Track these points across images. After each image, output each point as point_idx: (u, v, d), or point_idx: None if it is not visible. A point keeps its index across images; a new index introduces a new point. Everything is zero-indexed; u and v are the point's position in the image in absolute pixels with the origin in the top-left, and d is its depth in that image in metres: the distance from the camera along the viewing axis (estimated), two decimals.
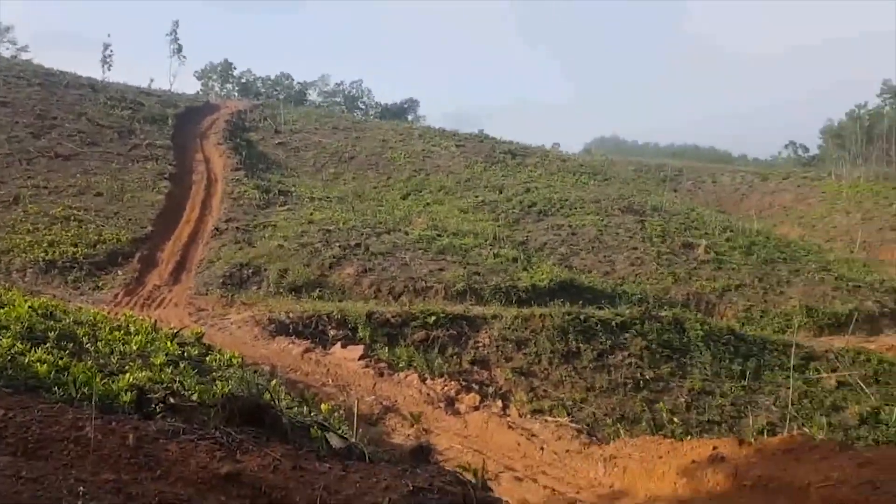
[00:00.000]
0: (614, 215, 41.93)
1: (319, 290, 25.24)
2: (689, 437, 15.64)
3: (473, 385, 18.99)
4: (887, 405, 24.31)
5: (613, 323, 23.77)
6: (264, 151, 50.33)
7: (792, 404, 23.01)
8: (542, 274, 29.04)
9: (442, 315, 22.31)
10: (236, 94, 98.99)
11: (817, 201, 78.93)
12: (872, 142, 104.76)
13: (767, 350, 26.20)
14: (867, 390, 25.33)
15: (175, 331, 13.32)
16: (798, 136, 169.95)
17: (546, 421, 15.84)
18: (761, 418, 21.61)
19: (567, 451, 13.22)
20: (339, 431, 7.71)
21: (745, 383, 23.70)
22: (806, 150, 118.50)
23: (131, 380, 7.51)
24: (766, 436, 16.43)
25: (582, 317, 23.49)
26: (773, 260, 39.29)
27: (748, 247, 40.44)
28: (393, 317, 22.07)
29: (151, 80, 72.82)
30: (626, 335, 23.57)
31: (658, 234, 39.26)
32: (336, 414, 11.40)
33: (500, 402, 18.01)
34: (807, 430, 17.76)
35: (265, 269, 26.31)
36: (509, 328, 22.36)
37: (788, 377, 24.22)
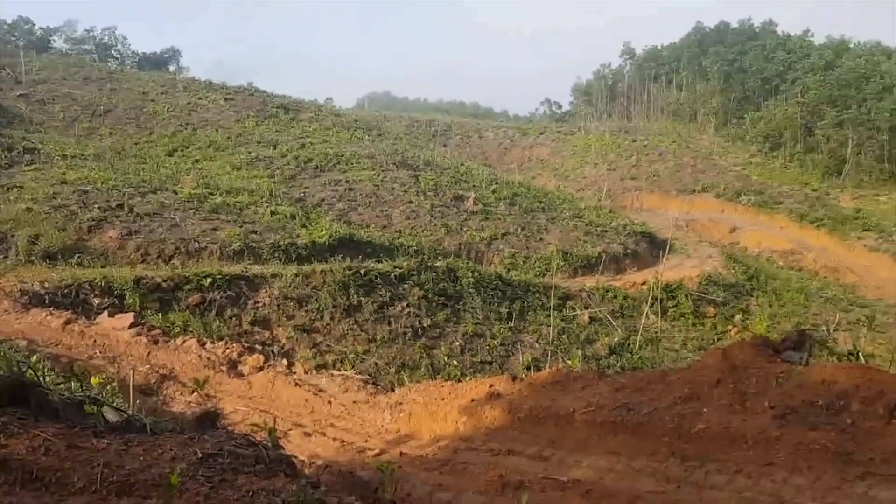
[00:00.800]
0: (389, 170, 42.68)
1: (79, 256, 23.13)
2: (465, 378, 16.70)
3: (256, 346, 18.71)
4: (631, 335, 27.66)
5: (392, 275, 24.49)
6: (3, 104, 44.55)
7: (553, 340, 25.39)
8: (322, 230, 28.97)
9: (218, 276, 21.55)
10: None
11: (570, 154, 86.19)
12: (615, 98, 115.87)
13: (530, 292, 28.52)
14: (615, 323, 28.58)
15: None
16: (552, 94, 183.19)
17: (332, 375, 16.05)
18: (527, 355, 23.63)
19: (354, 402, 13.55)
20: (115, 405, 7.31)
21: (512, 324, 25.71)
22: (559, 106, 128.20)
23: None
24: (532, 371, 17.98)
25: (362, 271, 23.91)
26: (534, 209, 42.43)
27: (511, 198, 43.26)
28: (164, 281, 20.92)
29: None
30: (405, 286, 24.41)
31: (431, 188, 40.67)
32: (109, 387, 10.74)
33: (284, 361, 17.94)
34: (567, 363, 19.71)
35: (12, 236, 23.54)
36: (290, 286, 22.17)
37: (549, 316, 26.62)
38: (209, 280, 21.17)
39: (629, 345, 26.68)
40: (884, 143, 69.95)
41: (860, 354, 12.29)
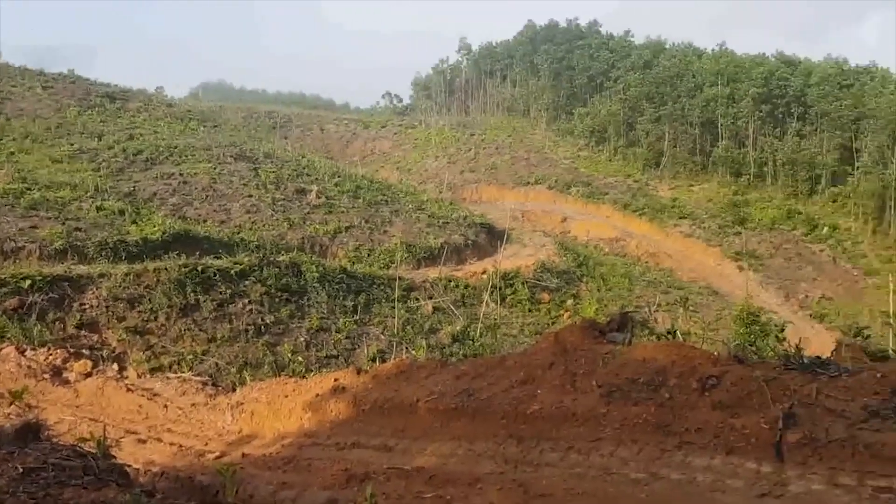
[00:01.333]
0: (227, 163, 41.31)
1: None
2: (311, 374, 16.57)
3: (83, 350, 17.54)
4: (472, 323, 28.53)
5: (232, 272, 23.76)
6: None
7: (398, 331, 25.71)
8: (154, 226, 27.60)
9: (38, 278, 19.96)
10: None
11: (411, 147, 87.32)
12: (454, 93, 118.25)
13: (375, 285, 28.68)
14: (457, 312, 29.37)
15: None
16: (393, 88, 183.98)
17: (168, 378, 15.40)
18: (373, 347, 23.78)
19: (193, 405, 13.09)
20: None
21: (358, 317, 25.76)
22: (400, 100, 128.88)
23: None
24: (378, 362, 18.15)
25: (199, 268, 23.00)
26: (377, 202, 42.65)
27: (355, 190, 43.23)
28: None
29: None
30: (246, 283, 23.77)
31: (272, 181, 39.82)
32: None
33: (115, 365, 16.97)
34: (412, 353, 20.06)
35: None
36: (120, 286, 20.94)
37: (394, 307, 26.91)
38: (28, 282, 19.58)
39: (471, 332, 27.52)
40: (696, 137, 76.39)
41: (677, 333, 13.42)
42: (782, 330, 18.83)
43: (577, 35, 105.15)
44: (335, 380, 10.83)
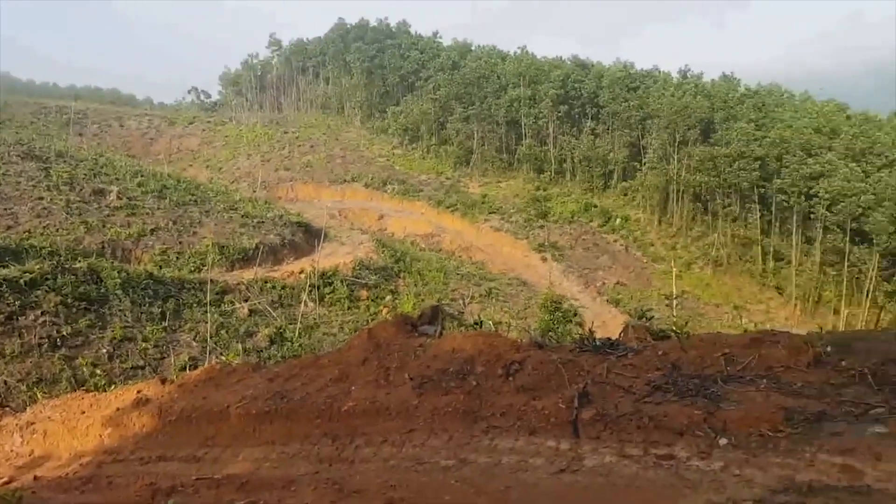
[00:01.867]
0: (13, 163, 37.68)
1: None
2: (114, 387, 15.55)
3: None
4: (290, 324, 28.10)
5: (21, 281, 21.76)
6: None
7: (211, 337, 24.76)
8: None
9: None
10: None
11: (222, 145, 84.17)
12: (265, 89, 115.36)
13: (185, 289, 27.41)
14: (274, 314, 28.77)
15: None
16: (200, 83, 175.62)
17: None
18: (184, 355, 22.73)
19: None
20: None
21: (167, 324, 24.49)
22: (208, 95, 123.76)
23: None
24: (188, 370, 17.37)
25: None
26: (186, 202, 40.71)
27: (160, 190, 41.00)
28: None
29: None
30: (38, 293, 21.86)
31: (65, 182, 36.83)
32: None
33: None
34: (225, 359, 19.40)
35: None
36: None
37: (206, 312, 25.85)
38: None
39: (288, 333, 27.11)
40: (502, 136, 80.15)
41: (483, 322, 14.05)
42: (575, 314, 20.36)
43: (387, 34, 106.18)
44: (138, 391, 10.27)
